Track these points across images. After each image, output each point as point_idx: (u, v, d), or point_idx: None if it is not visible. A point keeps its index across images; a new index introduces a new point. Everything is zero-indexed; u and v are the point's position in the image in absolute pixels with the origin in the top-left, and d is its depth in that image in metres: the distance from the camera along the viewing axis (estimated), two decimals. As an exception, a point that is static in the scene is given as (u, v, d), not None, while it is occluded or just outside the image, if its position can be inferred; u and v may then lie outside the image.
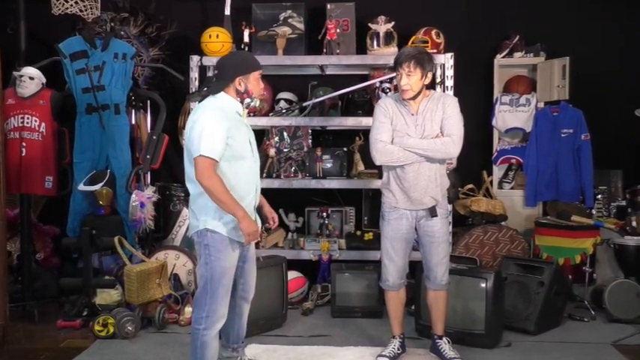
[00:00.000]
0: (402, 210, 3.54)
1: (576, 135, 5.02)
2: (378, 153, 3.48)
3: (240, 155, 3.04)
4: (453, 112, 3.47)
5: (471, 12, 5.35)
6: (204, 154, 2.90)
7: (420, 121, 3.47)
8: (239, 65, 3.10)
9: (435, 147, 3.43)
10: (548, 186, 5.12)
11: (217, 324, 3.08)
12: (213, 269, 3.02)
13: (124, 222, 4.74)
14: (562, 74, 4.99)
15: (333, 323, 4.35)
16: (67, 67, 4.76)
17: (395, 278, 3.61)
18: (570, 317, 4.39)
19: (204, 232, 3.02)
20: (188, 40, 5.19)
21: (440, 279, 3.59)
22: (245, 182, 3.08)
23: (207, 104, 3.05)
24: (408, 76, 3.39)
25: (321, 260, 4.79)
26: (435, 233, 3.54)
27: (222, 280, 3.03)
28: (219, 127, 2.94)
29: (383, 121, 3.50)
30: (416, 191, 3.48)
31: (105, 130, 4.77)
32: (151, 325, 4.20)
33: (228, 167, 3.00)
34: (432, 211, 3.52)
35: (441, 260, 3.57)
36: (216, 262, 3.01)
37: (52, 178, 4.67)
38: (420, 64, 3.39)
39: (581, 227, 4.64)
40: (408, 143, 3.44)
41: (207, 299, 3.03)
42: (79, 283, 4.31)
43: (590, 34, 5.27)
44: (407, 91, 3.42)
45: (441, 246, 3.55)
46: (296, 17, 5.01)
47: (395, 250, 3.57)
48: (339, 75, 5.32)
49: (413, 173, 3.47)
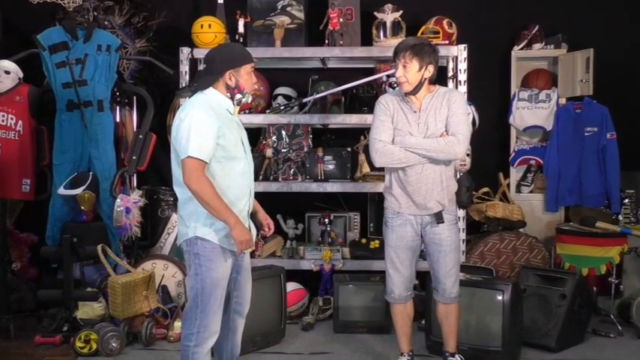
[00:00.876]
0: (407, 215, 3.54)
1: (601, 134, 5.02)
2: (377, 154, 3.50)
3: (232, 156, 3.05)
4: (458, 110, 3.47)
5: (486, 0, 5.36)
6: (193, 155, 2.91)
7: (424, 119, 3.48)
8: (229, 58, 3.10)
9: (438, 147, 3.43)
10: (570, 189, 5.12)
11: (209, 340, 3.06)
12: (204, 280, 3.01)
13: (108, 229, 4.74)
14: (585, 67, 5.00)
15: (335, 339, 4.36)
16: (46, 60, 4.78)
17: (401, 290, 3.61)
18: (595, 333, 4.39)
19: (194, 240, 3.02)
20: (178, 31, 5.21)
21: (449, 291, 3.58)
22: (238, 185, 3.08)
23: (195, 101, 3.06)
24: (404, 67, 3.42)
25: (323, 271, 4.80)
26: (443, 241, 3.53)
27: (214, 292, 3.02)
28: (208, 126, 2.95)
29: (383, 120, 3.52)
30: (419, 195, 3.49)
31: (87, 128, 4.78)
32: (138, 341, 4.21)
33: (219, 169, 3.01)
34: (437, 216, 3.51)
35: (449, 271, 3.56)
36: (207, 272, 3.01)
37: (29, 181, 4.69)
38: (417, 54, 3.40)
39: (607, 235, 4.64)
40: (409, 143, 3.45)
41: (197, 313, 3.02)
42: (59, 295, 4.32)
43: (616, 23, 5.27)
44: (403, 83, 3.44)
45: (449, 255, 3.54)
46: (295, 5, 5.02)
47: (400, 259, 3.57)
48: (342, 68, 5.34)
49: (416, 176, 3.48)
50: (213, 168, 2.99)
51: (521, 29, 5.27)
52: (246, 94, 3.13)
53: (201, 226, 3.01)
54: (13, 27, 5.11)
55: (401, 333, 3.70)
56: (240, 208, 3.08)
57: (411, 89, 3.45)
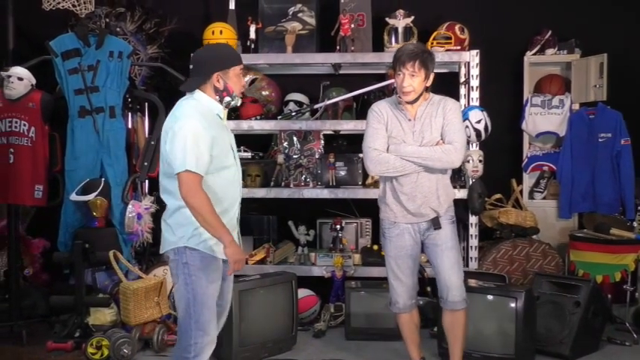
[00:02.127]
0: (403, 225, 3.52)
1: (615, 139, 5.00)
2: (372, 163, 3.47)
3: (223, 165, 2.98)
4: (454, 118, 3.46)
5: (499, 5, 5.36)
6: (190, 169, 2.83)
7: (419, 127, 3.47)
8: (217, 60, 3.01)
9: (435, 155, 3.40)
10: (584, 196, 5.10)
11: (208, 349, 3.01)
12: (195, 290, 2.94)
13: (120, 235, 4.76)
14: (599, 73, 4.98)
15: (347, 346, 4.36)
16: (59, 67, 4.81)
17: (405, 299, 3.58)
18: (610, 341, 4.37)
19: (183, 250, 2.95)
20: (189, 37, 5.23)
21: (452, 293, 3.49)
22: (231, 194, 3.04)
23: (187, 110, 2.95)
24: (411, 76, 3.38)
25: (335, 277, 4.80)
26: (441, 239, 3.50)
27: (206, 301, 2.96)
28: (204, 138, 2.87)
29: (377, 128, 3.49)
30: (414, 203, 3.46)
31: (99, 134, 4.81)
32: (149, 347, 4.22)
33: (212, 178, 2.94)
34: (434, 223, 3.49)
35: (450, 268, 3.49)
36: (197, 281, 2.94)
37: (42, 187, 4.71)
38: (424, 64, 3.38)
39: (622, 241, 4.62)
40: (405, 151, 3.43)
41: (192, 324, 2.95)
42: (70, 301, 4.34)
43: (630, 28, 5.26)
44: (409, 93, 3.40)
45: (446, 252, 3.49)
46: (307, 11, 5.04)
47: (401, 269, 3.55)
48: (354, 74, 5.34)
49: (411, 185, 3.45)
50: (209, 179, 2.93)
51: (534, 34, 5.26)
52: (235, 96, 3.05)
53: (190, 235, 2.94)
54: (26, 34, 5.16)
55: (409, 342, 3.69)
56: (230, 216, 3.04)
57: (414, 98, 3.44)
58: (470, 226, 4.84)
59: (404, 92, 3.41)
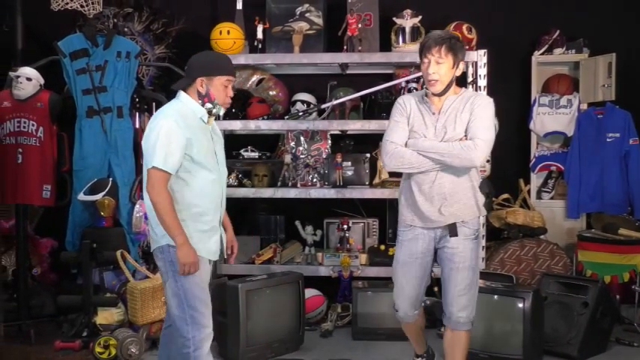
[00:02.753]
0: (419, 229, 3.28)
1: (624, 139, 4.99)
2: (387, 156, 3.26)
3: (202, 167, 3.02)
4: (482, 114, 3.18)
5: (506, 4, 5.35)
6: (157, 166, 2.91)
7: (442, 122, 3.21)
8: (205, 65, 3.07)
9: (453, 151, 3.13)
10: (592, 196, 5.09)
11: (207, 342, 3.03)
12: (184, 285, 2.98)
13: (127, 234, 4.78)
14: (608, 72, 4.96)
15: (354, 346, 4.36)
16: (67, 67, 4.83)
17: (406, 309, 3.36)
18: (618, 342, 4.35)
19: (167, 248, 2.99)
20: (197, 37, 5.24)
21: (456, 315, 3.24)
22: (207, 196, 3.06)
23: (168, 109, 3.05)
24: (437, 63, 3.13)
25: (341, 277, 4.80)
26: (455, 257, 3.22)
27: (198, 294, 3.00)
28: (176, 137, 2.93)
29: (398, 120, 3.28)
30: (431, 205, 3.21)
31: (107, 134, 4.83)
32: (156, 346, 4.22)
33: (188, 179, 3.00)
34: (451, 229, 3.22)
35: (459, 290, 3.22)
36: (185, 278, 2.97)
37: (50, 187, 4.73)
38: (452, 49, 3.12)
39: (630, 242, 4.61)
40: (422, 146, 3.19)
41: (187, 319, 2.99)
42: (78, 300, 4.35)
43: (639, 27, 5.23)
44: (436, 82, 3.15)
45: (460, 273, 3.21)
46: (314, 11, 5.04)
47: (406, 278, 3.31)
48: (361, 74, 5.34)
49: (429, 184, 3.21)
50: (183, 178, 2.99)
51: (542, 34, 5.25)
52: (217, 105, 3.06)
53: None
54: (35, 34, 5.18)
55: (413, 340, 3.60)
56: (209, 218, 3.06)
57: (442, 89, 3.18)
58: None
59: (430, 81, 3.16)
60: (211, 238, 3.10)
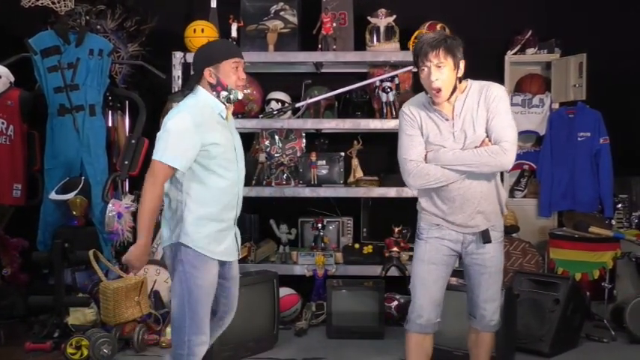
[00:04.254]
0: (447, 230, 3.06)
1: (594, 139, 5.05)
2: (410, 176, 3.00)
3: (220, 165, 2.94)
4: (501, 108, 2.94)
5: (480, 5, 5.38)
6: (163, 160, 2.85)
7: (459, 126, 2.97)
8: (207, 55, 2.98)
9: (481, 160, 2.91)
10: (563, 194, 5.14)
11: (202, 347, 2.99)
12: (190, 287, 2.93)
13: (100, 234, 4.74)
14: (579, 72, 5.02)
15: (328, 345, 4.36)
16: (38, 65, 4.77)
17: (430, 313, 3.06)
18: (588, 338, 4.41)
19: (178, 247, 2.94)
20: (170, 35, 5.20)
21: (489, 318, 3.15)
22: (225, 196, 3.00)
23: (185, 105, 2.96)
24: (438, 68, 2.90)
25: (316, 276, 4.80)
26: (487, 261, 3.06)
27: (201, 298, 2.94)
28: (190, 135, 2.85)
29: (411, 134, 3.01)
30: (464, 213, 3.01)
31: (79, 133, 4.78)
32: (129, 347, 4.20)
33: (207, 177, 2.93)
34: (484, 235, 3.03)
35: (492, 295, 3.11)
36: (192, 279, 2.92)
37: (20, 186, 4.68)
38: (450, 51, 2.90)
39: (600, 239, 4.66)
40: (446, 159, 2.95)
41: (186, 321, 2.94)
42: (49, 301, 4.30)
43: (609, 28, 5.29)
44: (440, 90, 2.91)
45: (493, 278, 3.08)
46: (289, 10, 5.04)
47: (433, 277, 3.05)
48: (336, 73, 5.35)
49: (457, 191, 2.99)
50: (199, 176, 2.92)
51: (515, 34, 5.29)
52: (232, 90, 2.96)
53: (185, 233, 2.92)
54: (4, 31, 5.11)
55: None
56: (224, 217, 3.01)
57: (447, 96, 2.95)
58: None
59: (433, 88, 2.92)
60: (225, 239, 3.02)
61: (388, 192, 4.91)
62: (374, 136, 5.19)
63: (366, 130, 5.06)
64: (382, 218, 5.14)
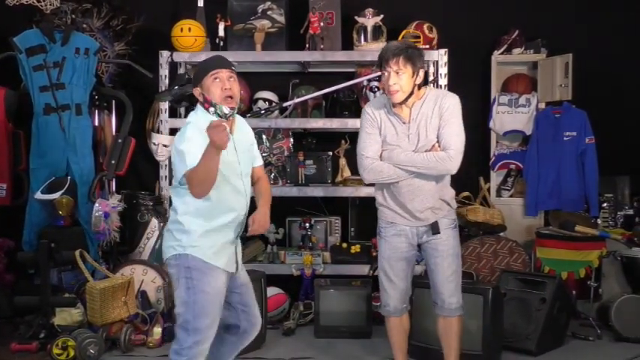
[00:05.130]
0: (401, 226, 3.38)
1: (580, 138, 5.08)
2: (365, 171, 3.34)
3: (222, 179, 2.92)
4: (451, 118, 3.25)
5: (467, 4, 5.40)
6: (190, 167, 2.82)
7: (414, 130, 3.28)
8: (195, 76, 3.06)
9: (428, 164, 3.23)
10: (550, 194, 5.17)
11: (200, 357, 2.98)
12: (196, 294, 2.92)
13: (86, 234, 4.72)
14: (565, 72, 5.05)
15: (316, 344, 4.36)
16: (23, 63, 4.75)
17: (396, 302, 3.44)
18: (574, 336, 4.44)
19: (185, 256, 2.95)
20: (157, 34, 5.18)
21: (448, 301, 3.38)
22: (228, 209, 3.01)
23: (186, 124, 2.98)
24: (397, 74, 3.19)
25: (304, 275, 4.81)
26: (439, 245, 3.36)
27: (207, 307, 2.94)
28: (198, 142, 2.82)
29: (370, 132, 3.33)
30: (412, 206, 3.32)
31: (65, 132, 4.76)
32: (116, 347, 4.18)
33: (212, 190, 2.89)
34: (433, 228, 3.34)
35: (447, 277, 3.36)
36: (200, 286, 2.92)
37: (5, 185, 4.66)
38: (410, 59, 3.19)
39: (586, 238, 4.69)
40: (399, 160, 3.27)
41: (189, 329, 2.93)
42: (35, 301, 4.28)
43: (596, 28, 5.33)
44: (397, 92, 3.20)
45: (446, 260, 3.36)
46: (276, 9, 5.03)
47: (394, 270, 3.40)
48: (323, 72, 5.35)
49: (407, 187, 3.31)
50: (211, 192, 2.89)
51: (502, 34, 5.31)
52: (216, 105, 2.94)
53: (189, 243, 2.94)
54: (-11, 30, 5.07)
55: (396, 347, 3.54)
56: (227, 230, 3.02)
57: (403, 98, 3.23)
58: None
59: (391, 91, 3.21)
60: (228, 250, 3.03)
61: (376, 191, 4.91)
62: (361, 135, 5.19)
63: (353, 130, 5.02)
64: (370, 217, 5.11)
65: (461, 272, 3.46)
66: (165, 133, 4.98)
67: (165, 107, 4.99)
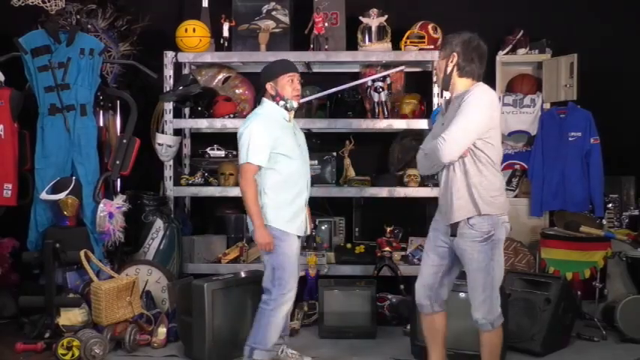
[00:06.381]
0: (439, 222, 3.35)
1: (585, 138, 5.07)
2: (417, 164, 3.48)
3: (289, 157, 3.65)
4: (463, 110, 3.12)
5: (471, 5, 5.40)
6: (250, 161, 3.57)
7: (447, 121, 3.21)
8: (268, 72, 3.74)
9: (432, 149, 3.19)
10: (554, 194, 5.17)
11: (286, 305, 3.69)
12: (278, 256, 3.64)
13: (91, 234, 4.72)
14: (570, 72, 5.05)
15: (321, 344, 4.36)
16: (28, 64, 4.75)
17: (420, 296, 3.40)
18: (579, 337, 4.43)
19: (268, 226, 3.62)
20: (162, 35, 5.20)
21: (474, 315, 3.29)
22: (297, 182, 3.71)
23: (253, 114, 3.72)
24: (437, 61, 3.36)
25: (308, 276, 4.80)
26: (464, 258, 3.24)
27: (286, 266, 3.64)
28: (262, 136, 3.58)
29: (435, 125, 3.44)
30: (444, 201, 3.26)
31: (70, 133, 4.76)
32: (121, 347, 4.19)
33: (280, 168, 3.64)
34: (452, 228, 3.23)
35: (471, 291, 3.28)
36: (278, 249, 3.63)
37: (11, 185, 4.66)
38: (442, 45, 3.35)
39: (591, 239, 4.68)
40: (424, 146, 3.35)
41: (275, 282, 3.65)
42: (40, 301, 4.28)
43: (600, 28, 5.33)
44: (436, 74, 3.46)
45: (471, 275, 3.24)
46: (280, 10, 5.04)
47: (425, 260, 3.39)
48: (328, 73, 5.36)
49: (444, 178, 3.26)
50: (274, 168, 3.63)
51: (506, 34, 5.31)
52: (288, 100, 3.67)
53: (267, 216, 3.64)
54: (-5, 30, 5.09)
55: (428, 345, 3.50)
56: (297, 200, 3.71)
57: (440, 83, 3.34)
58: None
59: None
60: (298, 217, 3.73)
61: (380, 192, 4.92)
62: (366, 136, 5.21)
63: (358, 130, 5.07)
64: (374, 218, 5.16)
65: (493, 288, 3.26)
66: (169, 134, 4.98)
67: (169, 108, 4.99)
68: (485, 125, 3.15)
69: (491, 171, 3.20)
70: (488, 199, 3.18)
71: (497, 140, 3.24)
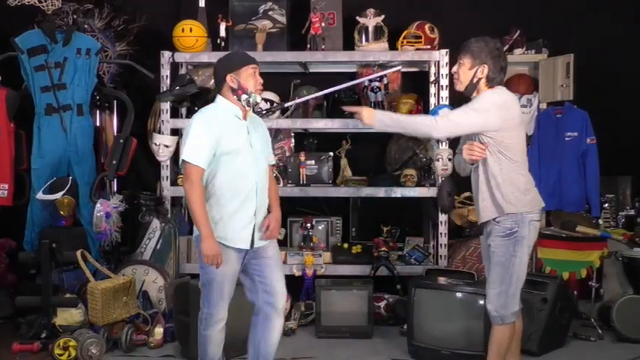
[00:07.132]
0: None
1: (581, 138, 5.07)
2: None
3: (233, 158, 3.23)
4: (470, 104, 3.28)
5: (468, 5, 5.40)
6: (186, 159, 3.19)
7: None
8: (227, 63, 3.33)
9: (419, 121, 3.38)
10: (551, 194, 5.15)
11: (216, 325, 3.36)
12: (207, 274, 3.29)
13: (88, 234, 4.72)
14: (566, 72, 5.05)
15: (317, 344, 4.36)
16: (25, 64, 4.75)
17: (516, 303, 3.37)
18: (576, 336, 4.44)
19: (198, 238, 3.25)
20: (159, 35, 5.19)
21: (488, 307, 3.35)
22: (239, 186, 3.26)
23: (201, 111, 3.35)
24: (458, 64, 3.34)
25: (305, 275, 4.81)
26: (490, 252, 3.32)
27: (216, 286, 3.28)
28: (204, 134, 3.19)
29: None
30: (476, 200, 3.37)
31: (66, 132, 4.76)
32: (118, 347, 4.18)
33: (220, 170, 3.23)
34: (482, 227, 3.36)
35: (489, 283, 3.34)
36: (209, 267, 3.24)
37: (7, 185, 4.66)
38: (468, 51, 3.31)
39: (587, 239, 4.68)
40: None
41: (205, 302, 3.35)
42: (37, 301, 4.28)
43: (597, 28, 5.33)
44: (455, 80, 3.37)
45: (493, 268, 3.31)
46: (277, 10, 5.04)
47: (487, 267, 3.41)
48: (324, 73, 5.36)
49: (472, 183, 3.37)
50: (213, 169, 3.23)
51: (503, 34, 5.30)
52: (252, 93, 3.29)
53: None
54: (-9, 30, 5.08)
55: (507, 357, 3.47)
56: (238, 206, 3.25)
57: (462, 89, 3.36)
58: (439, 224, 4.89)
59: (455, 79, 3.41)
60: (241, 227, 3.28)
61: (377, 192, 4.92)
62: (362, 136, 5.20)
63: (354, 130, 5.07)
64: (371, 218, 5.16)
65: (509, 284, 3.29)
66: (166, 134, 4.98)
67: (166, 107, 4.99)
68: (492, 124, 3.23)
69: (514, 169, 3.27)
70: (512, 198, 3.24)
71: (519, 139, 3.33)
